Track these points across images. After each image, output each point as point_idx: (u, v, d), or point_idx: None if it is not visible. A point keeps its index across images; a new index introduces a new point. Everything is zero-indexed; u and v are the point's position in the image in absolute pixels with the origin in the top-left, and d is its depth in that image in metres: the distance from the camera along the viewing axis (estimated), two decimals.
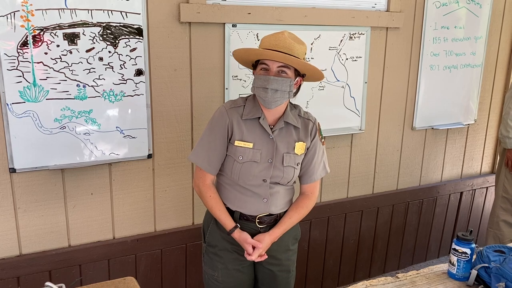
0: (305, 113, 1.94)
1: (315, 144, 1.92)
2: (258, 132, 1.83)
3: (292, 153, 1.86)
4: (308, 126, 1.91)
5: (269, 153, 1.84)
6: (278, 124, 1.85)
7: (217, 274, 1.95)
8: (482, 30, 3.26)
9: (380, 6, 2.81)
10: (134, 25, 2.17)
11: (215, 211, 1.88)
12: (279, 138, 1.85)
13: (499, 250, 1.86)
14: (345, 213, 3.08)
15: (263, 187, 1.86)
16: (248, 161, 1.82)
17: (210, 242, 1.97)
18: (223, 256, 1.94)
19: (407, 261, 3.53)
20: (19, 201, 2.15)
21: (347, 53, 2.76)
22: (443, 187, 3.47)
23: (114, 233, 2.40)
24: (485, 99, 3.49)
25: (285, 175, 1.87)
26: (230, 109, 1.84)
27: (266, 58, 1.76)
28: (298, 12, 2.52)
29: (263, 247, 1.84)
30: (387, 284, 1.80)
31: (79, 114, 2.15)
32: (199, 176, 1.90)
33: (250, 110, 1.84)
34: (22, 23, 1.95)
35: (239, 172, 1.84)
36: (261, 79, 1.76)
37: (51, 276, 2.26)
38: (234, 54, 1.87)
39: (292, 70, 1.77)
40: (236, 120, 1.82)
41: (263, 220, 1.90)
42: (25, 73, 2.01)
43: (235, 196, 1.89)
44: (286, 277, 2.04)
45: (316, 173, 1.96)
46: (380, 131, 3.06)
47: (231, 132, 1.83)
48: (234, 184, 1.88)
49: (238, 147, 1.82)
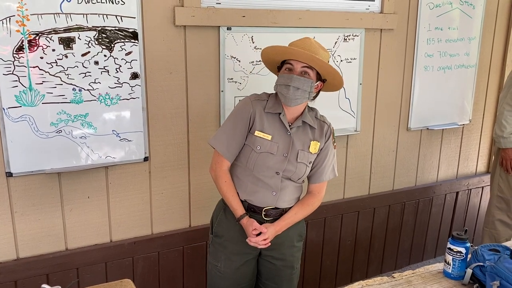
0: (321, 116, 2.05)
1: (328, 146, 2.01)
2: (277, 126, 1.92)
3: (306, 151, 1.95)
4: (323, 128, 2.01)
5: (285, 147, 1.92)
6: (296, 123, 1.94)
7: (220, 264, 2.01)
8: (476, 31, 3.28)
9: (374, 8, 2.83)
10: (129, 29, 2.18)
11: (228, 196, 1.95)
12: (296, 136, 1.94)
13: (494, 249, 1.87)
14: (341, 214, 3.09)
15: (275, 179, 1.93)
16: (265, 152, 1.90)
17: (217, 232, 2.02)
18: (228, 247, 1.99)
19: (404, 261, 3.54)
20: (16, 205, 2.15)
21: (342, 55, 2.77)
22: (439, 187, 3.49)
23: (111, 236, 2.41)
24: (479, 99, 3.51)
25: (297, 171, 1.94)
26: (254, 100, 1.94)
27: (291, 58, 1.86)
28: (292, 14, 2.53)
29: (268, 235, 1.90)
30: (383, 284, 1.81)
31: (75, 118, 2.16)
32: (217, 161, 1.97)
33: (273, 105, 1.94)
34: (18, 27, 1.96)
35: (255, 161, 1.91)
36: (284, 77, 1.86)
37: (49, 280, 2.26)
38: (263, 52, 1.95)
39: (314, 73, 1.88)
40: (259, 111, 1.92)
41: (269, 213, 1.96)
42: (21, 78, 2.01)
43: (246, 186, 1.95)
44: (290, 273, 2.08)
45: (326, 174, 2.05)
46: (375, 132, 3.08)
47: (252, 121, 1.92)
48: (247, 175, 1.94)
49: (257, 137, 1.90)
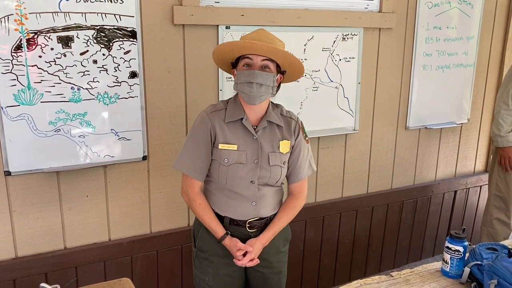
0: (287, 112, 1.94)
1: (299, 142, 1.92)
2: (241, 133, 1.82)
3: (277, 152, 1.85)
4: (291, 124, 1.90)
5: (254, 153, 1.82)
6: (261, 124, 1.84)
7: (207, 278, 1.93)
8: (474, 30, 3.29)
9: (373, 7, 2.83)
10: (128, 27, 2.17)
11: (205, 219, 1.86)
12: (263, 138, 1.84)
13: (492, 247, 1.87)
14: (340, 213, 3.09)
15: (251, 189, 1.84)
16: (234, 163, 1.81)
17: (200, 247, 1.94)
18: (214, 261, 1.91)
19: (402, 260, 3.55)
20: (15, 204, 2.15)
21: (340, 54, 2.77)
22: (437, 186, 3.49)
23: (110, 235, 2.41)
24: (478, 98, 3.52)
25: (272, 175, 1.85)
26: (211, 113, 1.83)
27: (250, 52, 1.73)
28: (291, 13, 2.53)
29: (254, 252, 1.83)
30: (381, 282, 1.81)
31: (74, 117, 2.16)
32: (187, 184, 1.87)
33: (233, 113, 1.83)
34: (16, 26, 1.96)
35: (226, 175, 1.82)
36: (245, 74, 1.74)
37: (47, 279, 2.26)
38: (216, 50, 1.80)
39: (274, 66, 1.77)
40: (218, 124, 1.81)
41: (253, 224, 1.88)
42: (20, 76, 2.01)
43: (224, 201, 1.86)
44: (278, 279, 2.02)
45: (303, 172, 1.95)
46: (374, 131, 3.08)
47: (214, 136, 1.81)
48: (222, 189, 1.86)
49: (222, 150, 1.80)
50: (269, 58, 1.75)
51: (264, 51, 1.71)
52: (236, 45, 1.74)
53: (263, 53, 1.72)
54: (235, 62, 1.82)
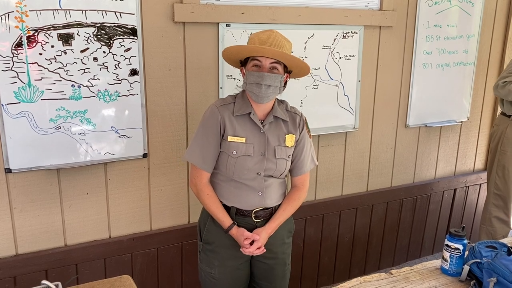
0: (292, 108, 2.02)
1: (303, 137, 1.99)
2: (249, 127, 1.89)
3: (283, 145, 1.93)
4: (295, 119, 1.98)
5: (261, 146, 1.89)
6: (267, 119, 1.91)
7: (213, 271, 1.98)
8: (475, 28, 3.29)
9: (373, 5, 2.83)
10: (128, 25, 2.17)
11: (213, 209, 1.92)
12: (270, 132, 1.91)
13: (491, 245, 1.87)
14: (339, 211, 3.10)
15: (257, 180, 1.91)
16: (242, 156, 1.87)
17: (207, 239, 1.99)
18: (220, 252, 1.97)
19: (402, 258, 3.55)
20: (15, 201, 2.16)
21: (341, 52, 2.77)
22: (437, 184, 3.50)
23: (110, 232, 2.41)
24: (477, 96, 3.52)
25: (278, 167, 1.92)
26: (221, 106, 1.89)
27: (262, 55, 1.81)
28: (291, 11, 2.53)
29: (261, 241, 1.89)
30: (381, 280, 1.81)
31: (74, 114, 2.16)
32: (196, 175, 1.93)
33: (241, 107, 1.90)
34: (17, 24, 1.96)
35: (234, 166, 1.88)
36: (254, 75, 1.81)
37: (48, 276, 2.27)
38: (226, 51, 1.89)
39: (282, 66, 1.85)
40: (228, 117, 1.87)
41: (259, 214, 1.94)
42: (20, 74, 2.01)
43: (231, 192, 1.93)
44: (283, 270, 2.08)
45: (306, 165, 2.03)
46: (374, 129, 3.08)
47: (223, 128, 1.88)
48: (229, 180, 1.92)
49: (231, 142, 1.87)
50: (278, 60, 1.82)
51: (274, 56, 1.80)
52: (247, 50, 1.83)
53: (273, 57, 1.80)
54: (244, 60, 1.90)
